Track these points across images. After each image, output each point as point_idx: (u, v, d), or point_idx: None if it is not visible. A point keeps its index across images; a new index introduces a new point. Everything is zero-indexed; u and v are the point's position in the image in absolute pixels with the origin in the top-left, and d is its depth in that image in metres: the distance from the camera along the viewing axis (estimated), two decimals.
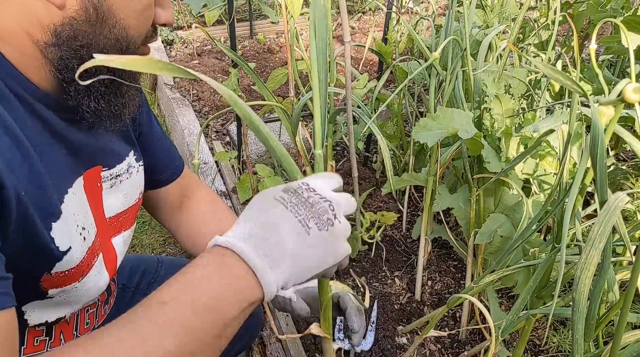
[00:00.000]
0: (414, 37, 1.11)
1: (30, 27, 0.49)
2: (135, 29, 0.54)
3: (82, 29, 0.50)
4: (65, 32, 0.50)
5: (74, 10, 0.49)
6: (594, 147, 0.49)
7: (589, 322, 0.61)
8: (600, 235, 0.50)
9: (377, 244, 1.35)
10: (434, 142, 0.88)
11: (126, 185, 0.70)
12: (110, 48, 0.53)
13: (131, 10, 0.53)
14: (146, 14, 0.55)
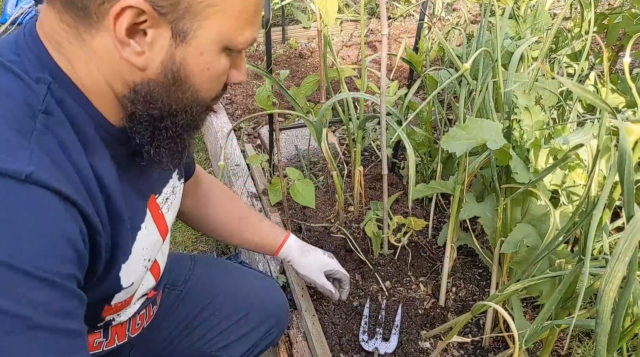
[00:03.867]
0: (445, 48, 1.13)
1: (114, 81, 0.54)
2: (206, 91, 0.59)
3: (157, 90, 0.55)
4: (142, 90, 0.55)
5: (153, 73, 0.54)
6: (622, 163, 0.51)
7: (613, 335, 0.62)
8: (625, 249, 0.51)
9: (402, 249, 1.37)
10: (462, 151, 0.90)
11: (175, 203, 0.77)
12: (179, 110, 0.58)
13: (206, 77, 0.57)
14: (220, 79, 0.59)
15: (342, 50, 2.92)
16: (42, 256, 0.44)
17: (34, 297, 0.43)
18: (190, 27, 0.52)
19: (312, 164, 1.85)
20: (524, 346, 0.82)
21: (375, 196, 1.64)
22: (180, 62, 0.54)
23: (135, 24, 0.50)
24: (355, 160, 1.45)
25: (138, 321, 0.75)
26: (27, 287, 0.42)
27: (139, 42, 0.51)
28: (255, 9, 0.56)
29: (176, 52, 0.53)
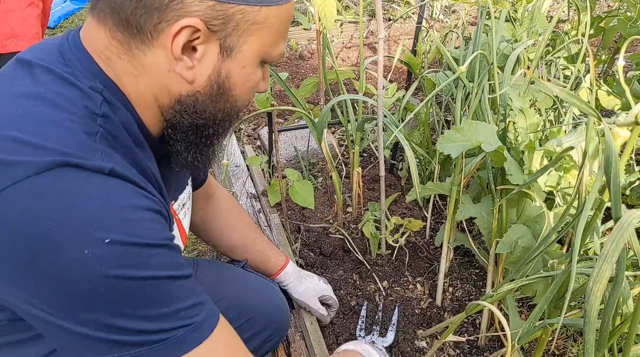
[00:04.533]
0: (442, 50, 1.14)
1: (160, 94, 0.59)
2: (243, 101, 0.64)
3: (202, 101, 0.60)
4: (187, 101, 0.59)
5: (200, 86, 0.58)
6: (608, 166, 0.52)
7: (603, 334, 0.63)
8: (612, 250, 0.53)
9: (399, 249, 1.39)
10: (457, 153, 0.92)
11: (189, 209, 0.81)
12: (220, 117, 0.63)
13: (245, 89, 0.62)
14: (254, 90, 0.65)
15: (342, 52, 2.93)
16: (150, 228, 0.51)
17: (159, 260, 0.51)
18: (236, 44, 0.57)
19: (311, 165, 1.87)
20: (517, 344, 0.84)
21: (373, 196, 1.66)
22: (226, 75, 0.59)
23: (189, 41, 0.54)
24: (353, 161, 1.46)
25: None
26: (151, 255, 0.50)
27: (190, 58, 0.56)
28: (288, 23, 0.62)
29: (222, 66, 0.58)
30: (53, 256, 0.46)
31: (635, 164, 1.19)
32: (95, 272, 0.46)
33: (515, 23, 1.34)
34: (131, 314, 0.49)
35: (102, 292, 0.47)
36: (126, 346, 0.49)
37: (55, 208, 0.46)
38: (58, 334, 0.50)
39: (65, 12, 3.50)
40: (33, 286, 0.47)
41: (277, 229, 1.45)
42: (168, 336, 0.51)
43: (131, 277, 0.48)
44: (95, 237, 0.46)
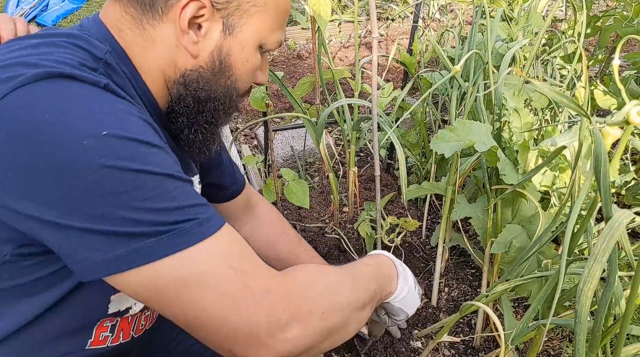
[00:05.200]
0: (437, 50, 1.14)
1: (167, 67, 0.62)
2: (242, 83, 0.68)
3: (205, 76, 0.63)
4: (192, 76, 0.63)
5: (203, 61, 0.62)
6: (598, 165, 0.52)
7: (596, 334, 0.63)
8: (603, 250, 0.52)
9: (395, 249, 1.38)
10: (451, 153, 0.91)
11: None
12: (221, 94, 0.66)
13: (245, 69, 0.66)
14: (253, 73, 0.68)
15: (340, 52, 2.93)
16: (147, 132, 0.53)
17: (157, 159, 0.51)
18: (237, 23, 0.62)
19: (307, 165, 1.86)
20: (510, 345, 0.83)
21: (370, 196, 1.66)
22: (227, 52, 0.63)
23: (195, 17, 0.59)
24: (349, 161, 1.46)
25: (142, 322, 0.75)
26: (149, 153, 0.51)
27: (196, 33, 0.60)
28: (286, 14, 0.67)
29: (224, 43, 0.62)
30: (51, 149, 0.46)
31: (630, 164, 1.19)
32: (94, 162, 0.47)
33: (511, 22, 1.34)
34: (134, 206, 0.48)
35: (102, 183, 0.47)
36: (134, 238, 0.48)
37: (51, 105, 0.48)
38: (65, 239, 0.49)
39: (63, 11, 3.50)
40: (36, 187, 0.47)
41: None
42: (174, 228, 0.49)
43: (129, 168, 0.48)
44: (93, 130, 0.47)
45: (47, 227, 0.49)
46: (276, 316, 0.53)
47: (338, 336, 0.63)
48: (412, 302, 0.86)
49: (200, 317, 0.51)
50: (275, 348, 0.53)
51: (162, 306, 0.52)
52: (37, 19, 3.37)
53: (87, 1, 3.82)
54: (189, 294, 0.50)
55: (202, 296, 0.50)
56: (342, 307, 0.62)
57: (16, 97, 0.48)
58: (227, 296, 0.51)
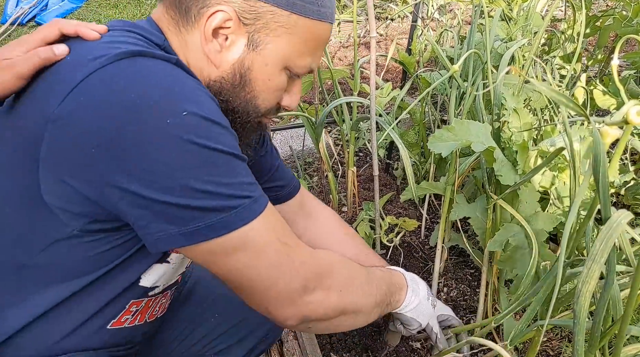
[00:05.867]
0: (435, 49, 1.14)
1: (195, 71, 0.64)
2: (263, 100, 0.69)
3: (226, 88, 0.66)
4: (214, 86, 0.65)
5: (225, 72, 0.65)
6: (597, 165, 0.52)
7: (594, 335, 0.62)
8: (602, 250, 0.52)
9: (394, 249, 1.38)
10: (448, 152, 0.91)
11: None
12: (239, 108, 0.67)
13: (266, 86, 0.67)
14: (276, 94, 0.70)
15: (340, 52, 2.92)
16: (216, 111, 0.57)
17: (226, 139, 0.56)
18: (263, 40, 0.64)
19: (307, 165, 1.86)
20: (509, 345, 0.83)
21: (369, 196, 1.65)
22: (248, 67, 0.65)
23: (221, 27, 0.62)
24: (348, 160, 1.45)
25: (157, 308, 0.77)
26: (220, 133, 0.55)
27: (220, 43, 0.63)
28: (318, 42, 0.67)
29: (247, 57, 0.64)
30: (137, 126, 0.51)
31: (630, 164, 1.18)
32: (176, 139, 0.51)
33: (510, 22, 1.33)
34: (208, 179, 0.53)
35: (183, 157, 0.52)
36: (208, 212, 0.54)
37: (136, 83, 0.52)
38: (144, 211, 0.53)
39: (63, 10, 3.50)
40: (121, 161, 0.51)
41: None
42: (239, 203, 0.56)
43: (205, 146, 0.53)
44: (174, 109, 0.52)
45: (128, 198, 0.53)
46: (307, 282, 0.63)
47: (348, 317, 0.72)
48: (425, 312, 0.91)
49: (253, 279, 0.60)
50: (299, 308, 0.64)
51: (221, 269, 0.59)
52: (36, 18, 3.36)
53: (86, 1, 3.82)
54: (249, 260, 0.58)
55: (259, 263, 0.59)
56: (357, 291, 0.73)
57: (102, 75, 0.52)
58: (276, 264, 0.60)
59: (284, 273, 0.61)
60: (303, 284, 0.63)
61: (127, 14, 3.74)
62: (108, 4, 3.92)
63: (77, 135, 0.51)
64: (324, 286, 0.66)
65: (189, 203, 0.53)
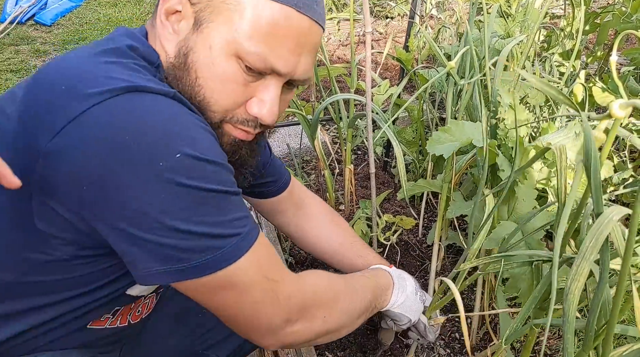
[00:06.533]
0: (432, 46, 1.13)
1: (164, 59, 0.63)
2: (211, 91, 0.60)
3: (173, 73, 0.61)
4: (168, 73, 0.62)
5: (172, 55, 0.61)
6: (588, 160, 0.51)
7: (588, 334, 0.61)
8: (591, 247, 0.51)
9: (391, 247, 1.37)
10: (449, 154, 0.91)
11: None
12: (189, 100, 0.60)
13: (211, 73, 0.59)
14: (228, 87, 0.60)
15: (339, 50, 2.91)
16: (212, 147, 0.55)
17: (219, 177, 0.55)
18: (206, 19, 0.59)
19: (304, 163, 1.85)
20: (504, 344, 0.82)
21: (366, 194, 1.64)
22: (191, 47, 0.59)
23: (176, 11, 0.60)
24: (346, 158, 1.45)
25: (139, 309, 0.77)
26: (214, 171, 0.54)
27: (174, 28, 0.61)
28: (273, 29, 0.58)
29: (191, 37, 0.60)
30: (129, 168, 0.50)
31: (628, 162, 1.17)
32: (167, 181, 0.51)
33: (508, 19, 1.32)
34: (198, 220, 0.53)
35: (173, 199, 0.51)
36: (194, 253, 0.54)
37: (130, 124, 0.50)
38: (131, 248, 0.53)
39: (62, 9, 3.50)
40: (111, 200, 0.51)
41: (267, 226, 1.43)
42: (227, 243, 0.56)
43: (197, 187, 0.52)
44: (168, 151, 0.51)
45: (116, 234, 0.53)
46: (290, 316, 0.64)
47: (331, 336, 0.74)
48: (413, 307, 0.92)
49: (237, 314, 0.61)
50: (280, 338, 0.64)
51: (206, 303, 0.60)
52: (35, 17, 3.36)
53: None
54: (233, 298, 0.59)
55: (242, 299, 0.59)
56: (340, 314, 0.73)
57: (98, 112, 0.50)
58: (260, 301, 0.60)
59: (267, 309, 0.61)
60: (286, 318, 0.63)
61: (127, 12, 3.74)
62: (107, 3, 3.92)
63: (68, 173, 0.51)
64: (308, 317, 0.67)
65: (176, 244, 0.53)
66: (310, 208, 1.05)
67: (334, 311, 0.72)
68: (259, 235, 0.61)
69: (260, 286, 0.60)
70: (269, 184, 0.95)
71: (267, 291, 0.61)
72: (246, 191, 0.94)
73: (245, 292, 0.59)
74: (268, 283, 0.61)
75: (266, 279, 0.61)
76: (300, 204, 1.04)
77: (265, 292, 0.61)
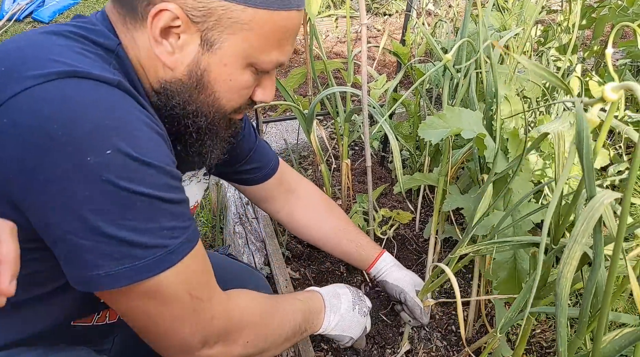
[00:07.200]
0: (428, 39, 1.13)
1: (149, 73, 0.61)
2: (227, 101, 0.64)
3: (181, 91, 0.60)
4: (169, 88, 0.60)
5: (180, 74, 0.60)
6: (580, 142, 0.51)
7: (582, 319, 0.61)
8: (583, 231, 0.51)
9: (388, 241, 1.37)
10: (438, 140, 0.90)
11: (187, 191, 0.79)
12: (200, 112, 0.63)
13: (228, 87, 0.62)
14: (242, 93, 0.64)
15: (337, 46, 2.92)
16: (152, 148, 0.52)
17: (154, 180, 0.52)
18: (217, 39, 0.58)
19: (302, 158, 1.85)
20: (498, 333, 0.82)
21: (364, 190, 1.64)
22: (205, 68, 0.59)
23: (170, 27, 0.56)
24: (342, 153, 1.44)
25: None
26: (148, 174, 0.51)
27: (172, 44, 0.58)
28: (286, 34, 0.61)
29: (202, 58, 0.58)
30: (55, 160, 0.47)
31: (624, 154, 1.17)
32: (94, 178, 0.48)
33: (505, 12, 1.32)
34: (122, 224, 0.50)
35: (97, 198, 0.48)
36: (111, 261, 0.51)
37: (62, 113, 0.47)
38: (54, 243, 0.51)
39: (60, 7, 3.50)
40: (38, 192, 0.48)
41: (264, 220, 1.43)
42: (150, 254, 0.52)
43: (126, 188, 0.49)
44: (99, 146, 0.48)
45: (43, 227, 0.51)
46: (208, 338, 0.61)
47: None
48: (352, 324, 0.89)
49: (150, 327, 0.58)
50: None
51: (121, 311, 0.57)
52: (33, 14, 3.36)
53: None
54: (148, 309, 0.56)
55: (159, 313, 0.56)
56: (265, 338, 0.71)
57: (29, 97, 0.48)
58: (177, 317, 0.58)
59: (185, 327, 0.58)
60: (204, 339, 0.61)
61: None
62: (105, 0, 3.92)
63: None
64: (229, 341, 0.64)
65: (94, 247, 0.50)
66: (302, 194, 1.04)
67: (258, 337, 0.69)
68: (195, 248, 0.57)
69: (181, 303, 0.57)
70: (255, 171, 0.94)
71: (189, 309, 0.58)
72: (231, 177, 0.94)
73: (164, 306, 0.56)
74: (191, 301, 0.58)
75: (190, 296, 0.57)
76: (291, 190, 1.02)
77: (185, 309, 0.57)
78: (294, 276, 1.28)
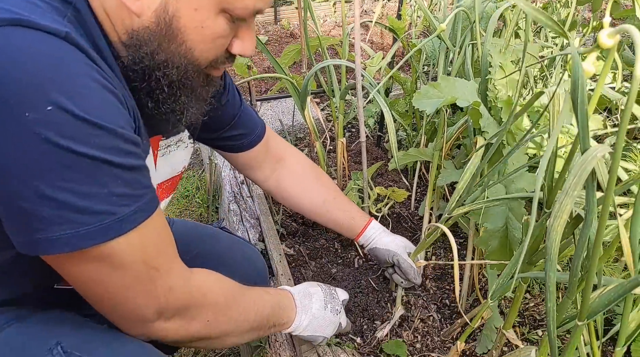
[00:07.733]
0: (423, 10, 1.11)
1: (116, 24, 0.56)
2: (201, 52, 0.59)
3: (149, 39, 0.56)
4: (136, 37, 0.56)
5: (148, 20, 0.55)
6: (575, 91, 0.49)
7: (573, 279, 0.61)
8: (574, 184, 0.50)
9: (383, 219, 1.36)
10: (432, 110, 0.89)
11: (174, 156, 0.78)
12: (171, 63, 0.58)
13: (200, 36, 0.57)
14: (217, 43, 0.59)
15: (334, 30, 2.89)
16: (100, 107, 0.49)
17: (101, 141, 0.48)
18: None
19: (298, 140, 1.84)
20: (490, 300, 0.82)
21: (359, 169, 1.63)
22: (173, 14, 0.54)
23: None
24: (338, 131, 1.43)
25: None
26: (93, 134, 0.48)
27: None
28: None
29: (170, 2, 0.54)
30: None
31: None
32: (32, 136, 0.45)
33: None
34: (63, 186, 0.47)
35: (36, 157, 0.45)
36: (52, 224, 0.48)
37: (2, 65, 0.44)
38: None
39: None
40: None
41: (259, 199, 1.43)
42: (94, 220, 0.49)
43: (67, 148, 0.46)
44: (39, 101, 0.44)
45: None
46: (164, 310, 0.59)
47: (212, 342, 0.70)
48: (324, 324, 0.88)
49: (103, 296, 0.56)
50: (151, 331, 0.60)
51: (70, 279, 0.55)
52: None
53: None
54: (100, 276, 0.53)
55: (110, 280, 0.54)
56: (228, 321, 0.69)
57: None
58: (130, 286, 0.55)
59: (139, 297, 0.56)
60: (159, 311, 0.59)
61: None
62: None
63: None
64: (187, 317, 0.63)
65: (33, 210, 0.47)
66: (291, 163, 1.02)
67: (219, 318, 0.67)
68: (151, 217, 0.55)
69: (135, 271, 0.55)
70: (240, 137, 0.92)
71: (144, 279, 0.56)
72: (216, 143, 0.92)
73: (116, 274, 0.53)
74: (147, 271, 0.55)
75: (145, 265, 0.55)
76: (278, 158, 1.01)
77: (140, 279, 0.55)
78: (289, 252, 1.28)
